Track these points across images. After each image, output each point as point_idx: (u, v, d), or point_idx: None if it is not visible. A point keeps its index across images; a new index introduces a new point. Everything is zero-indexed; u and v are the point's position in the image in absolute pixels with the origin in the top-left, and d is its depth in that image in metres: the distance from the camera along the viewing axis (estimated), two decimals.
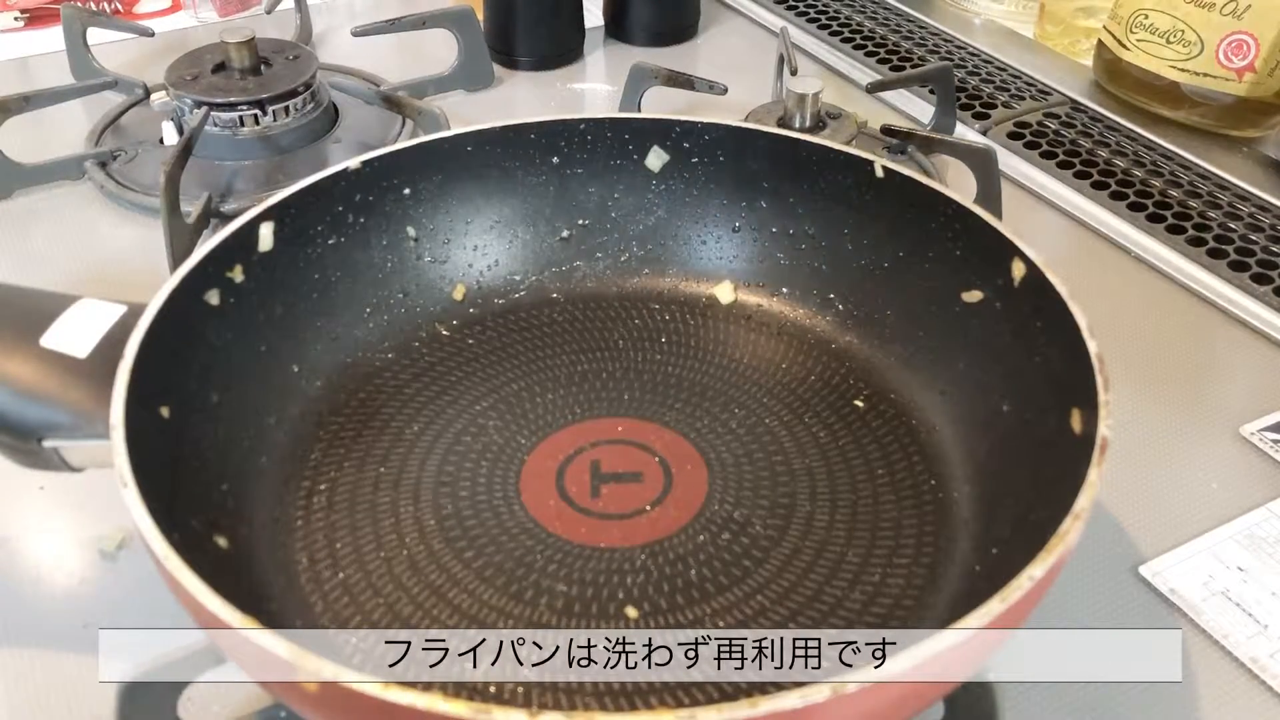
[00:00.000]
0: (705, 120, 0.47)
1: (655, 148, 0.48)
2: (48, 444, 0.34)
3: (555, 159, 0.48)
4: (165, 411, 0.34)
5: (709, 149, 0.47)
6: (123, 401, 0.31)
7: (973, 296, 0.42)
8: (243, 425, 0.39)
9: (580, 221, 0.49)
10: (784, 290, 0.48)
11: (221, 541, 0.34)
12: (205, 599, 0.26)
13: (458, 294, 0.48)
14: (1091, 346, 0.34)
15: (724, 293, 0.49)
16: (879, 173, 0.44)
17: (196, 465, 0.35)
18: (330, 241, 0.44)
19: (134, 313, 0.35)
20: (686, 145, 0.47)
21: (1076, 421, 0.34)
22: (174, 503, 0.31)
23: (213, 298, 0.38)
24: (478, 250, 0.48)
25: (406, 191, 0.46)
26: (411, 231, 0.46)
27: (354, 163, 0.43)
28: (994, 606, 0.26)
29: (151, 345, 0.34)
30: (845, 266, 0.46)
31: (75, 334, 0.35)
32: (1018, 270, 0.39)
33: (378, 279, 0.46)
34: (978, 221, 0.41)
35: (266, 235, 0.41)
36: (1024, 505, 0.35)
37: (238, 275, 0.39)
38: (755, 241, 0.48)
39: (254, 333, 0.40)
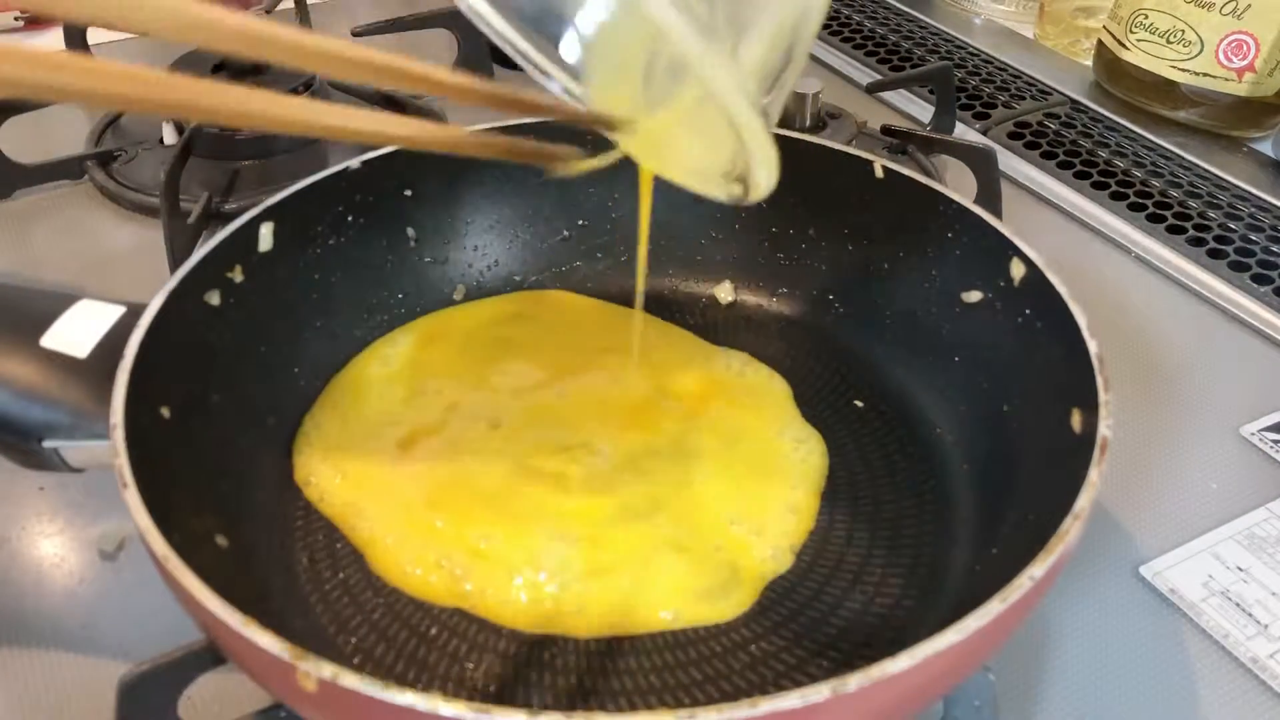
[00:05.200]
0: None
1: None
2: (48, 444, 0.34)
3: None
4: (165, 411, 0.34)
5: None
6: (123, 401, 0.31)
7: (973, 296, 0.42)
8: (243, 425, 0.39)
9: (580, 222, 0.49)
10: (784, 290, 0.48)
11: (221, 541, 0.34)
12: (205, 599, 0.26)
13: (458, 294, 0.48)
14: (1091, 346, 0.34)
15: (724, 293, 0.49)
16: (879, 173, 0.44)
17: (196, 465, 0.35)
18: (330, 241, 0.44)
19: (134, 313, 0.35)
20: None
21: (1077, 421, 0.34)
22: (174, 503, 0.31)
23: (213, 298, 0.38)
24: (478, 250, 0.48)
25: (407, 192, 0.45)
26: (411, 232, 0.46)
27: (354, 162, 0.43)
28: (994, 606, 0.26)
29: (151, 345, 0.34)
30: (845, 266, 0.46)
31: (75, 334, 0.35)
32: (1018, 270, 0.39)
33: (378, 279, 0.46)
34: (978, 221, 0.41)
35: (266, 235, 0.41)
36: (1024, 505, 0.35)
37: (238, 275, 0.39)
38: (755, 241, 0.48)
39: (254, 333, 0.40)
